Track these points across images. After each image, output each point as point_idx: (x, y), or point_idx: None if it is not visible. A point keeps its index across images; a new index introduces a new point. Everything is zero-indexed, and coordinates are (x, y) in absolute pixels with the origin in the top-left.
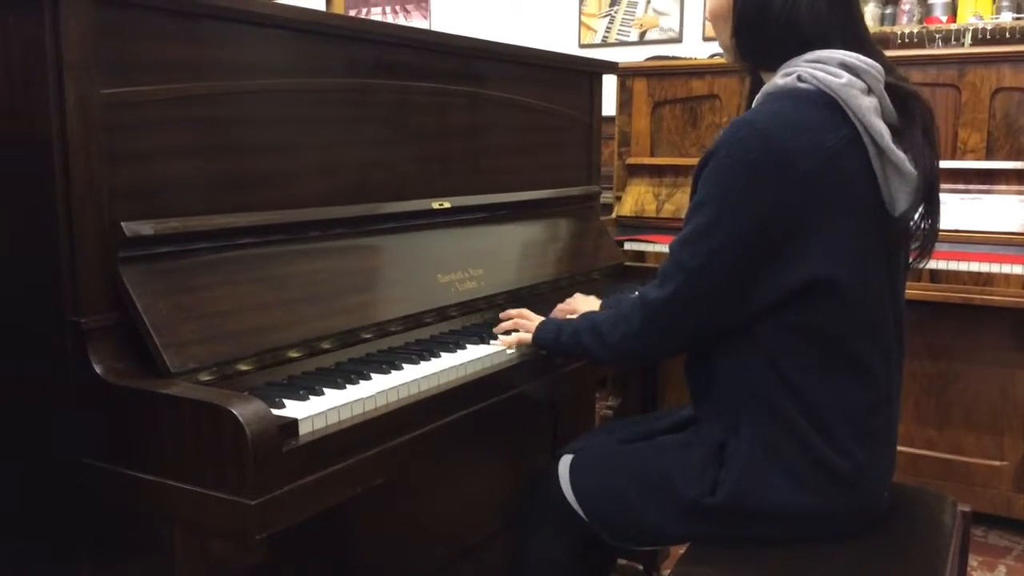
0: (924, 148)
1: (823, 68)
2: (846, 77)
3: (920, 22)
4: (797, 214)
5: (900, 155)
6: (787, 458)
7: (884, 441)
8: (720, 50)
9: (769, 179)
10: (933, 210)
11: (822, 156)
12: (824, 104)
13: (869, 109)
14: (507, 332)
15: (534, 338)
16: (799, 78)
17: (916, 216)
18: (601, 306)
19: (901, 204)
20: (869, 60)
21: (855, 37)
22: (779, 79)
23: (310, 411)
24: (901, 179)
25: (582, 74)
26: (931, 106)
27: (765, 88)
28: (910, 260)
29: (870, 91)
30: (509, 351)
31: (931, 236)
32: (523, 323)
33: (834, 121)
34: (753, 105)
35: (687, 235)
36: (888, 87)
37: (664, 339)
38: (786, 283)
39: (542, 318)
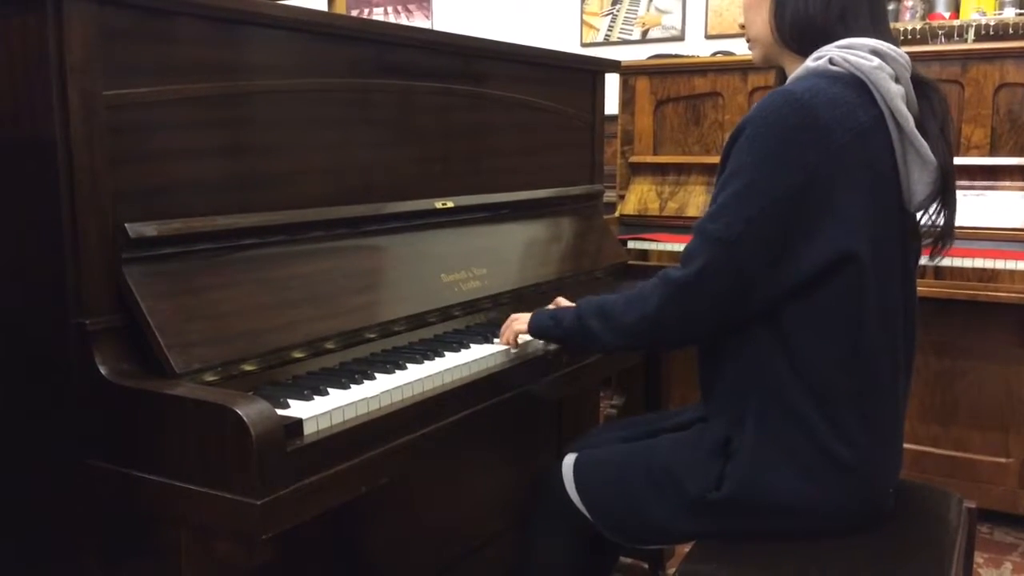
0: (941, 141)
1: (854, 52)
2: (876, 61)
3: (923, 18)
4: (828, 186)
5: (923, 143)
6: (793, 449)
7: (890, 435)
8: (722, 48)
9: (806, 145)
10: (949, 204)
11: (855, 129)
12: (855, 85)
13: (896, 94)
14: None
15: (530, 327)
16: (831, 61)
17: (932, 210)
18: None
19: (918, 194)
20: (897, 49)
21: (883, 25)
22: (810, 63)
23: (314, 411)
24: (922, 167)
25: (584, 73)
26: (947, 99)
27: (795, 73)
28: (924, 256)
29: (897, 79)
30: (513, 350)
31: (947, 232)
32: (514, 323)
33: (864, 102)
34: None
35: (719, 207)
36: (911, 78)
37: (684, 321)
38: (812, 260)
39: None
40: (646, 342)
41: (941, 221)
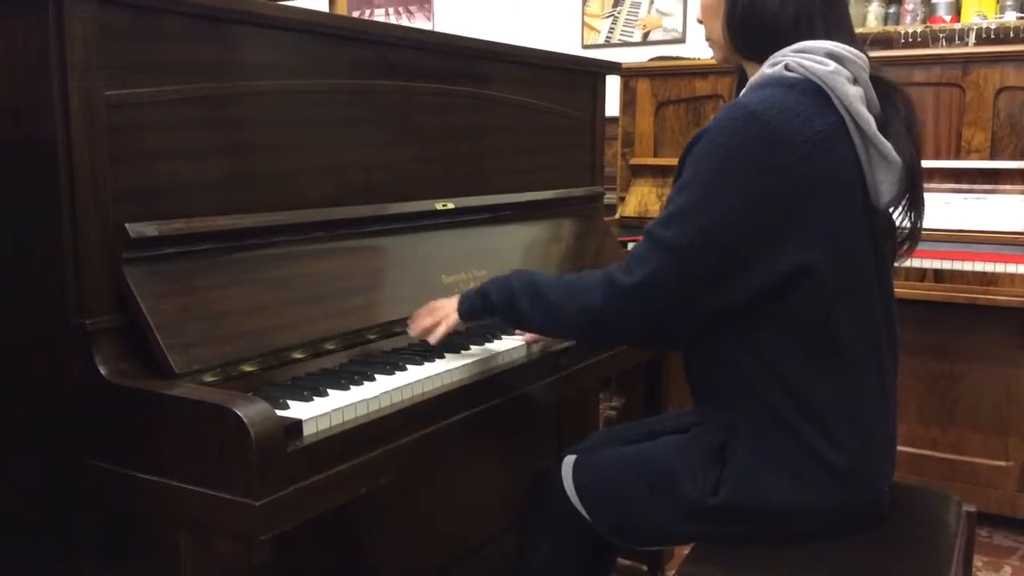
0: (907, 140)
1: (810, 57)
2: (833, 65)
3: (924, 22)
4: (787, 198)
5: (886, 143)
6: (785, 455)
7: (880, 435)
8: None
9: (763, 159)
10: (916, 204)
11: (813, 139)
12: (812, 92)
13: (855, 97)
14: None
15: (461, 314)
16: (786, 67)
17: (900, 209)
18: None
19: (885, 195)
20: (855, 50)
21: (841, 27)
22: (766, 69)
23: (314, 412)
24: (887, 168)
25: (585, 75)
26: (911, 100)
27: (752, 80)
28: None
29: (855, 81)
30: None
31: (914, 233)
32: (440, 314)
33: (821, 108)
34: (742, 94)
35: (672, 214)
36: (871, 79)
37: (626, 323)
38: (772, 270)
39: (450, 299)
40: (581, 335)
41: (907, 223)
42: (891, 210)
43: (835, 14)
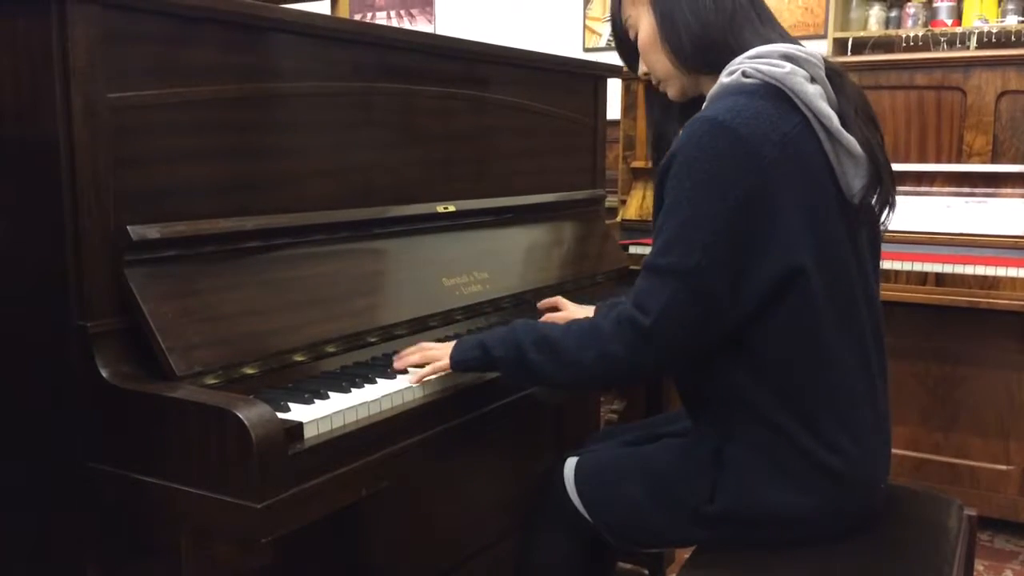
0: (864, 127)
1: (766, 61)
2: (789, 67)
3: (925, 25)
4: (766, 203)
5: (849, 137)
6: (781, 460)
7: (874, 433)
8: None
9: (739, 166)
10: (885, 191)
11: (781, 141)
12: (772, 95)
13: (816, 95)
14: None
15: (453, 361)
16: (743, 74)
17: (873, 200)
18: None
19: (856, 187)
20: (808, 50)
21: (772, 22)
22: (724, 79)
23: (315, 415)
24: (853, 162)
25: (587, 78)
26: (859, 88)
27: (711, 92)
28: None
29: (812, 79)
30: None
31: (886, 222)
32: (430, 354)
33: (785, 111)
34: (703, 108)
35: (668, 240)
36: (826, 72)
37: (654, 363)
38: (765, 276)
39: (444, 344)
40: (603, 382)
41: (880, 206)
42: (867, 203)
43: (761, 9)
